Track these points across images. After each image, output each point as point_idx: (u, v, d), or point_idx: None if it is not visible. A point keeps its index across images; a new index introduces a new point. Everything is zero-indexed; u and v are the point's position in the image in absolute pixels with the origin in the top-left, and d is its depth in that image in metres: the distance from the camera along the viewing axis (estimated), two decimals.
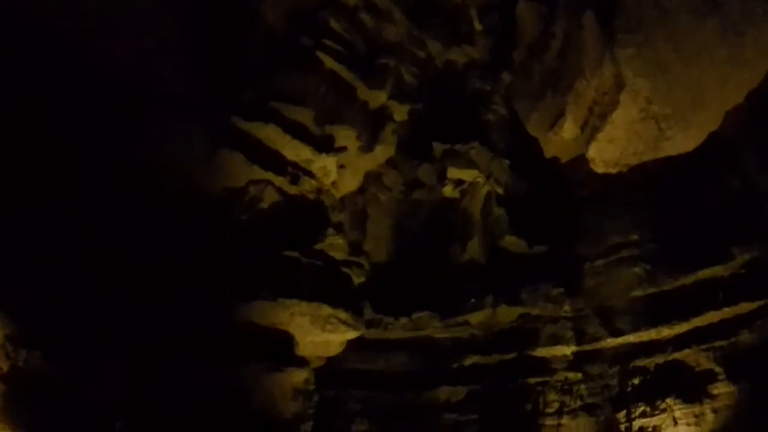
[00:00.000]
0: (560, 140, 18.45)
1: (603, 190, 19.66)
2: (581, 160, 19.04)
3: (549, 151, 19.00)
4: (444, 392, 18.10)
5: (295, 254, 15.86)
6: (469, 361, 18.33)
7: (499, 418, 18.26)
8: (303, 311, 15.80)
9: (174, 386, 14.55)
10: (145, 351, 14.04)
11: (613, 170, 18.52)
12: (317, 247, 16.20)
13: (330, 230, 16.84)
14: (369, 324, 17.86)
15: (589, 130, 17.84)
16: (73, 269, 12.72)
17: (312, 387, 16.89)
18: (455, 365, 18.20)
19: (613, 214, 19.35)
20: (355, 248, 17.82)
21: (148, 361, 14.15)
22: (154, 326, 14.18)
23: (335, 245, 16.99)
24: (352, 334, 16.80)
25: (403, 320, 17.86)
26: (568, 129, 17.89)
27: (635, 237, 18.85)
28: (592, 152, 18.32)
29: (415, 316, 17.92)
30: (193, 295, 14.44)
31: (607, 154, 18.35)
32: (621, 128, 17.60)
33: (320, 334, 16.32)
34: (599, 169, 18.35)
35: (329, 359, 17.88)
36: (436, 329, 18.20)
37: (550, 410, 17.99)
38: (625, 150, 18.16)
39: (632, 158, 18.22)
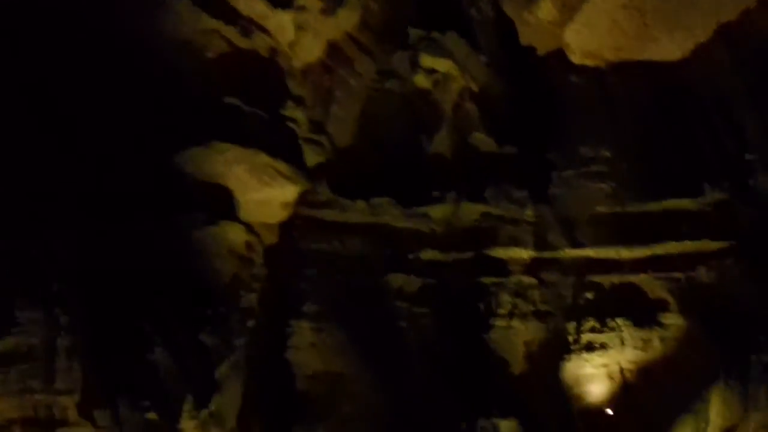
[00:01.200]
0: (537, 22, 17.59)
1: (582, 101, 19.11)
2: (560, 61, 18.39)
3: (525, 36, 18.15)
4: (398, 280, 17.69)
5: (237, 101, 15.11)
6: (426, 255, 17.90)
7: (452, 314, 18.03)
8: (239, 158, 15.12)
9: (110, 243, 14.03)
10: (81, 208, 13.54)
11: (591, 62, 17.86)
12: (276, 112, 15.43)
13: (290, 102, 16.15)
14: (325, 205, 17.35)
15: (567, 11, 17.02)
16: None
17: (256, 257, 16.37)
18: (411, 256, 17.76)
19: (590, 127, 18.91)
20: (317, 127, 17.08)
21: (84, 219, 13.63)
22: (88, 182, 13.65)
23: (296, 118, 16.34)
24: (292, 190, 16.19)
25: (361, 204, 17.30)
26: (545, 8, 16.99)
27: (608, 154, 18.48)
28: (568, 37, 17.53)
29: (374, 201, 17.36)
30: (127, 145, 13.83)
31: (584, 41, 17.61)
32: (601, 13, 16.75)
33: (259, 188, 15.69)
34: (576, 59, 17.68)
35: (283, 239, 17.31)
36: (394, 217, 17.67)
37: (502, 311, 17.84)
38: (605, 41, 17.44)
39: (612, 53, 17.55)
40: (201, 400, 15.44)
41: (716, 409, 16.82)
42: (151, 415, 14.03)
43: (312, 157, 16.88)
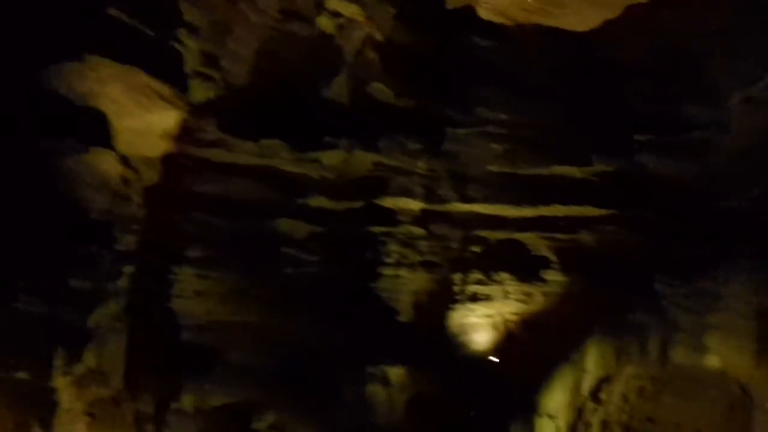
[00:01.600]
0: None
1: (486, 62, 19.21)
2: (468, 20, 18.32)
3: None
4: (285, 225, 17.37)
5: (120, 15, 14.27)
6: (316, 202, 17.63)
7: (340, 262, 17.85)
8: (115, 76, 14.25)
9: None
10: None
11: (497, 19, 17.85)
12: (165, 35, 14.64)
13: (182, 29, 15.42)
14: (213, 144, 16.77)
15: None
16: None
17: (134, 195, 15.65)
18: (300, 201, 17.40)
19: (491, 88, 19.04)
20: (210, 60, 16.39)
21: None
22: None
23: (187, 45, 15.62)
24: (173, 116, 15.48)
25: (250, 145, 16.82)
26: None
27: (504, 117, 18.70)
28: None
29: (264, 142, 16.91)
30: None
31: None
32: None
33: (136, 112, 14.93)
34: (483, 13, 17.56)
35: (166, 179, 16.64)
36: (285, 161, 17.29)
37: (390, 260, 17.80)
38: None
39: (520, 14, 17.53)
40: (75, 354, 14.70)
41: (593, 360, 17.53)
42: (21, 375, 13.12)
43: (201, 92, 16.25)
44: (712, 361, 17.48)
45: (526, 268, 17.84)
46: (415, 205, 17.83)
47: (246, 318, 17.12)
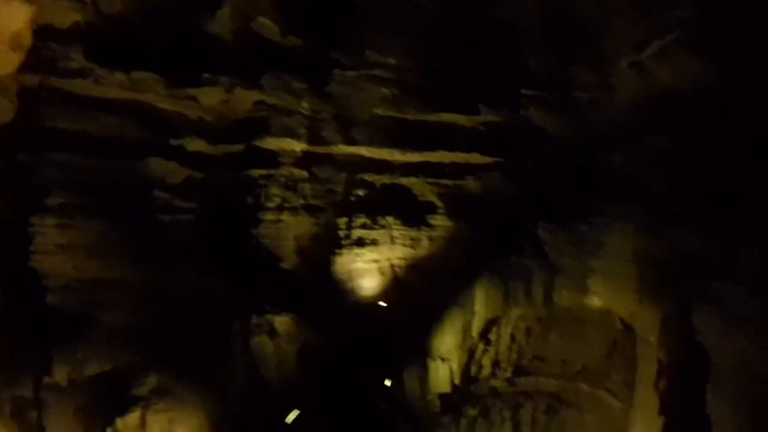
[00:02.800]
0: None
1: (379, 6, 18.88)
2: None
3: None
4: (158, 167, 15.95)
5: None
6: (193, 146, 16.54)
7: (219, 209, 16.90)
8: None
9: None
10: None
11: None
12: None
13: None
14: (78, 74, 15.24)
15: None
16: None
17: None
18: (175, 143, 16.24)
19: (382, 33, 18.69)
20: None
21: None
22: None
23: None
24: (23, 12, 13.53)
25: (120, 76, 15.50)
26: None
27: (393, 61, 18.40)
28: None
29: (135, 75, 15.64)
30: None
31: None
32: None
33: None
34: None
35: (23, 115, 14.70)
36: (159, 97, 16.09)
37: (271, 205, 17.03)
38: None
39: None
40: None
41: (481, 303, 17.64)
42: None
43: (67, 14, 14.88)
44: (595, 301, 17.94)
45: (412, 213, 17.61)
46: (297, 146, 17.21)
47: (117, 274, 15.18)
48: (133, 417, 13.62)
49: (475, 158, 17.82)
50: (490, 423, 18.62)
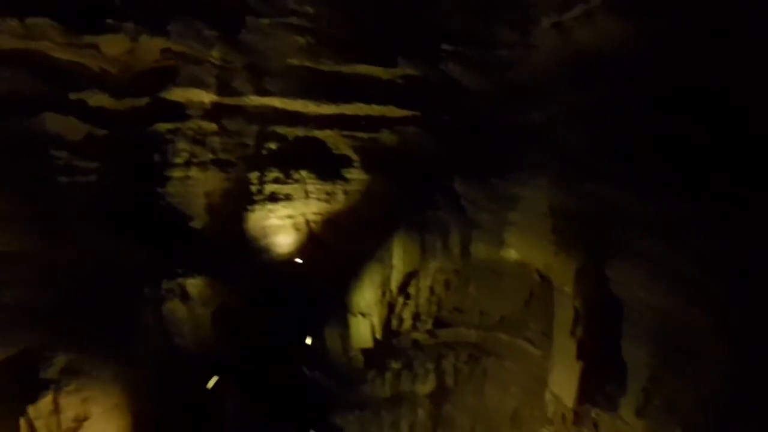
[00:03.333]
0: None
1: None
2: None
3: None
4: (55, 123, 15.09)
5: None
6: (94, 100, 15.74)
7: (123, 166, 16.22)
8: None
9: None
10: None
11: None
12: None
13: None
14: None
15: None
16: None
17: None
18: (75, 97, 15.42)
19: None
20: None
21: None
22: None
23: None
24: None
25: (13, 23, 14.48)
26: None
27: (310, 10, 17.72)
28: None
29: (30, 21, 14.59)
30: None
31: None
32: None
33: None
34: None
35: None
36: (56, 46, 15.12)
37: (179, 160, 16.43)
38: None
39: None
40: None
41: (398, 257, 17.50)
42: None
43: None
44: (512, 254, 17.97)
45: (327, 167, 17.26)
46: (206, 97, 16.58)
47: (14, 247, 14.04)
48: (45, 403, 12.89)
49: (392, 111, 17.48)
50: (414, 375, 18.70)
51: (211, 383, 15.44)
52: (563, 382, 16.29)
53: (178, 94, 15.78)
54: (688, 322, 13.82)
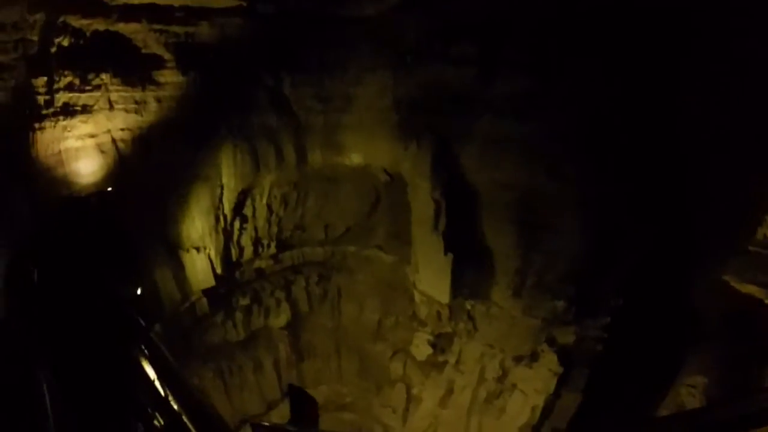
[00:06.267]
0: None
1: None
2: None
3: None
4: None
5: None
6: None
7: None
8: None
9: None
10: None
11: None
12: None
13: None
14: None
15: None
16: None
17: None
18: None
19: None
20: None
21: None
22: None
23: None
24: None
25: None
26: None
27: None
28: None
29: None
30: None
31: None
32: None
33: None
34: None
35: None
36: None
37: None
38: None
39: None
40: None
41: (228, 173, 15.29)
42: None
43: None
44: (353, 158, 16.83)
45: (135, 69, 14.11)
46: None
47: None
48: None
49: (212, 0, 14.79)
50: (266, 309, 16.87)
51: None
52: (433, 280, 15.76)
53: None
54: (550, 197, 14.08)
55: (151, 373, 7.49)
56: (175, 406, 6.73)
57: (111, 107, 13.91)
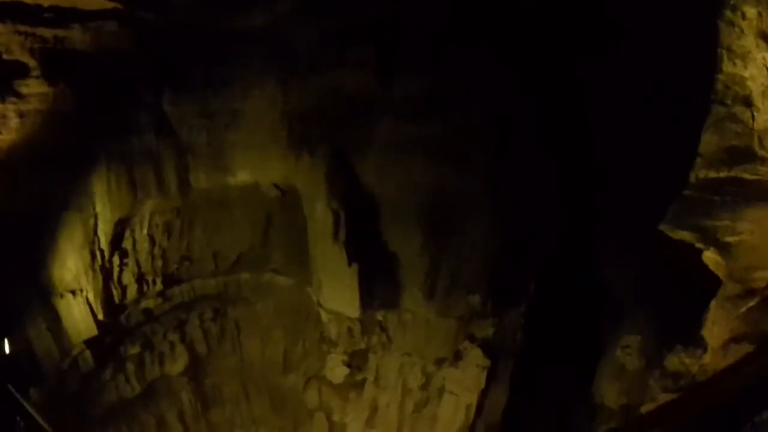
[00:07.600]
0: None
1: None
2: None
3: None
4: None
5: None
6: None
7: None
8: None
9: None
10: None
11: None
12: None
13: None
14: None
15: None
16: None
17: None
18: None
19: None
20: None
21: None
22: None
23: None
24: None
25: None
26: None
27: None
28: None
29: None
30: None
31: None
32: None
33: None
34: None
35: None
36: None
37: None
38: None
39: None
40: None
41: (102, 200, 13.45)
42: None
43: None
44: (242, 176, 15.60)
45: None
46: None
47: None
48: None
49: (85, 1, 12.82)
50: (160, 355, 14.79)
51: None
52: (339, 295, 15.07)
53: None
54: (457, 195, 14.13)
55: None
56: None
57: None
